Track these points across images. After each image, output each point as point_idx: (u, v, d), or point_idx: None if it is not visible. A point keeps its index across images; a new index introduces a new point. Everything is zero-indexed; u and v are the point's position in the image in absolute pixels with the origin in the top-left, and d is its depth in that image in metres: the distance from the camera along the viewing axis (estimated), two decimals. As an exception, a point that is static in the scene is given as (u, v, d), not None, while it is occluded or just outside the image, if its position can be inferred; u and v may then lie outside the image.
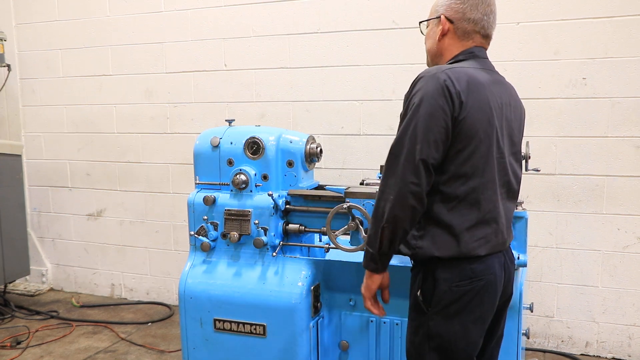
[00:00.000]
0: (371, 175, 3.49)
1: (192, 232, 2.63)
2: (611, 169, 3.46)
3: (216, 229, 2.60)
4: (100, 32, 4.55)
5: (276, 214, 2.54)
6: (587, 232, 3.54)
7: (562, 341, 3.69)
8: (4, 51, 4.65)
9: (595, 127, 3.45)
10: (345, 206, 2.32)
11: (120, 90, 4.56)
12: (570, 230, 3.57)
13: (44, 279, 5.00)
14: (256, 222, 2.50)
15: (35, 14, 4.73)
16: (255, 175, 2.57)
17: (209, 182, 2.67)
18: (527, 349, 3.66)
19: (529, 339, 3.56)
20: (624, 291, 3.53)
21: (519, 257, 2.29)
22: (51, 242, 4.99)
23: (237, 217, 2.56)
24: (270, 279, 2.50)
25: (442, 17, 1.90)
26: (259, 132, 2.60)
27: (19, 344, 3.81)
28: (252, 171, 2.57)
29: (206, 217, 2.61)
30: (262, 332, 2.48)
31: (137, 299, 4.72)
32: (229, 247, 2.61)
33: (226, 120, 2.77)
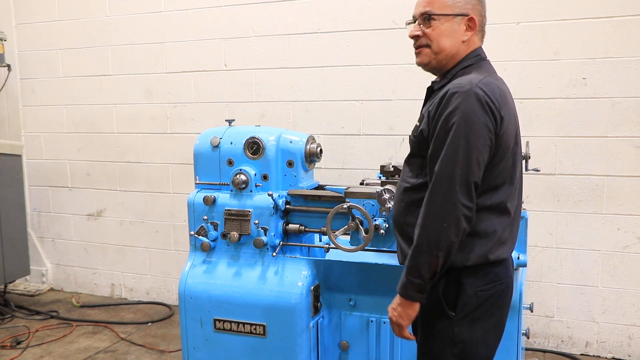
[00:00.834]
0: (371, 175, 3.48)
1: (192, 232, 2.63)
2: (611, 169, 3.45)
3: (216, 229, 2.60)
4: (100, 32, 4.55)
5: (276, 214, 2.54)
6: (587, 232, 3.54)
7: (562, 341, 3.69)
8: (4, 51, 4.65)
9: (595, 127, 3.45)
10: (345, 206, 2.32)
11: (120, 90, 4.56)
12: (570, 230, 3.57)
13: (44, 279, 5.00)
14: (256, 222, 2.50)
15: (35, 14, 4.73)
16: (255, 175, 2.57)
17: (209, 182, 2.67)
18: (527, 349, 3.66)
19: (529, 339, 3.56)
20: (624, 291, 3.53)
21: (519, 257, 2.29)
22: (51, 242, 4.99)
23: (237, 217, 2.56)
24: (270, 279, 2.50)
25: (473, 18, 1.80)
26: (259, 132, 2.60)
27: (19, 344, 3.81)
28: (252, 171, 2.57)
29: (206, 217, 2.61)
30: (262, 332, 2.48)
31: (137, 299, 4.72)
32: (229, 247, 2.61)
33: (226, 120, 2.77)
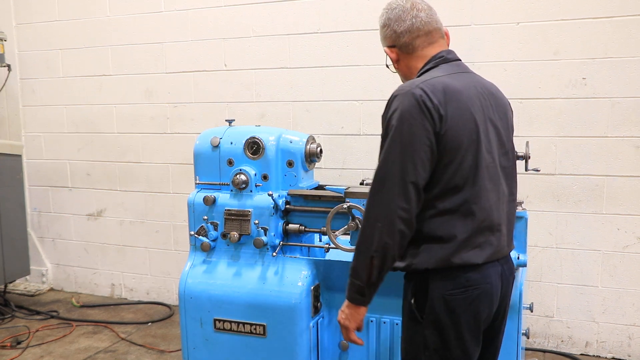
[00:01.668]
0: (371, 175, 3.47)
1: (192, 232, 2.63)
2: (611, 169, 3.46)
3: (216, 229, 2.60)
4: (100, 32, 4.55)
5: (276, 214, 2.54)
6: (587, 232, 3.54)
7: (562, 341, 3.69)
8: (4, 51, 4.65)
9: (595, 127, 3.45)
10: (345, 206, 2.32)
11: (120, 90, 4.56)
12: (570, 230, 3.57)
13: (44, 279, 5.00)
14: (256, 222, 2.50)
15: (35, 14, 4.73)
16: (255, 175, 2.57)
17: (209, 182, 2.67)
18: (527, 349, 3.66)
19: (528, 339, 3.56)
20: (624, 291, 3.53)
21: (519, 257, 2.29)
22: (51, 242, 4.99)
23: (237, 217, 2.56)
24: (270, 279, 2.50)
25: (386, 49, 1.91)
26: (259, 132, 2.60)
27: (19, 343, 3.82)
28: (252, 171, 2.57)
29: (206, 217, 2.61)
30: (262, 332, 2.48)
31: (137, 299, 4.72)
32: (229, 247, 2.61)
33: (226, 120, 2.77)
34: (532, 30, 3.49)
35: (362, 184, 2.73)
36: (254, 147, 2.58)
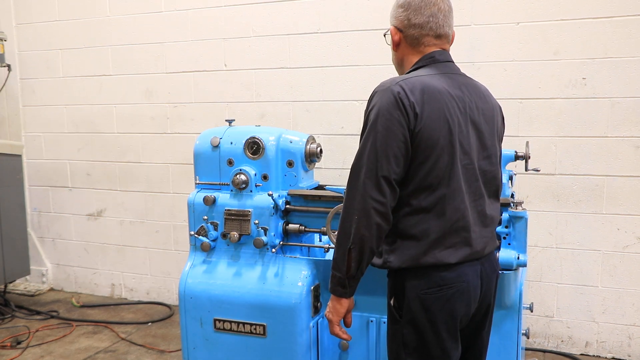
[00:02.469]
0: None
1: (192, 232, 2.63)
2: (611, 169, 3.46)
3: (216, 229, 2.60)
4: (100, 32, 4.55)
5: (276, 214, 2.54)
6: (587, 232, 3.54)
7: (562, 341, 3.69)
8: (4, 51, 4.65)
9: (595, 127, 3.46)
10: (345, 206, 2.32)
11: (120, 90, 4.56)
12: (570, 230, 3.58)
13: (44, 279, 5.00)
14: (256, 222, 2.50)
15: (35, 14, 4.73)
16: (255, 175, 2.57)
17: (209, 182, 2.67)
18: (527, 349, 3.66)
19: (528, 339, 3.57)
20: (624, 291, 3.53)
21: (519, 257, 2.28)
22: (51, 242, 4.99)
23: (237, 217, 2.56)
24: (270, 279, 2.50)
25: (391, 28, 1.89)
26: (259, 132, 2.60)
27: (19, 343, 3.82)
28: (252, 171, 2.57)
29: (206, 217, 2.61)
30: (262, 332, 2.48)
31: (137, 299, 4.72)
32: (229, 247, 2.61)
33: (226, 120, 2.77)
34: (532, 30, 3.49)
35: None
36: (254, 147, 2.58)
